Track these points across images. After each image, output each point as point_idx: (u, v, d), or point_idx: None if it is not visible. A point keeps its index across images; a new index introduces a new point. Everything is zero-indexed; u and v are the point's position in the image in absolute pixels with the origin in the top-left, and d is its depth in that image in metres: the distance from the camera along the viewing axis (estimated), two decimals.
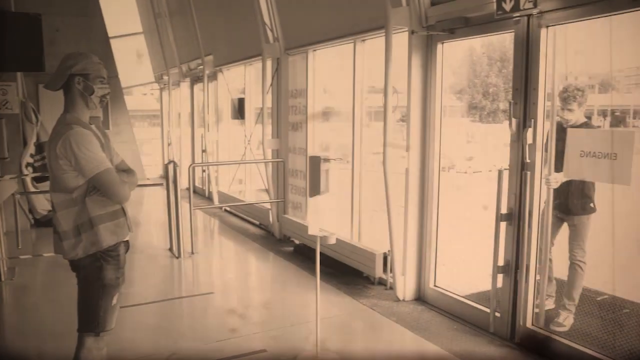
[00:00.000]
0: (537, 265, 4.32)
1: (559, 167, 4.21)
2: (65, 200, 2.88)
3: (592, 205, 4.45)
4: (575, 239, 4.52)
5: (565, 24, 4.00)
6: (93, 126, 2.99)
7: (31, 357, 4.35)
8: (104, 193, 2.86)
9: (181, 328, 4.89)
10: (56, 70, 2.95)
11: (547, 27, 4.01)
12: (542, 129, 4.17)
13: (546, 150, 4.24)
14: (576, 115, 4.36)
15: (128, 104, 14.58)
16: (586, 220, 4.50)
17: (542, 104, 4.11)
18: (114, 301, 3.00)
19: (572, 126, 4.33)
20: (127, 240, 3.12)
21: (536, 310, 4.38)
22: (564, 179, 4.27)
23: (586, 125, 4.43)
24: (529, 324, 4.33)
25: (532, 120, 4.14)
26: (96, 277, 2.94)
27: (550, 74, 4.12)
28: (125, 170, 3.12)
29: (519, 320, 4.34)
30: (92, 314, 2.97)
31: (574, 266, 4.51)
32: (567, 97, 4.34)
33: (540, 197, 4.28)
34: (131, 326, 4.72)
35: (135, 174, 3.16)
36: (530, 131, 4.15)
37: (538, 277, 4.38)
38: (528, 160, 4.17)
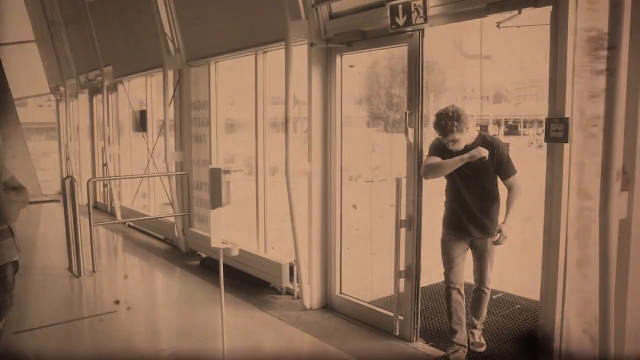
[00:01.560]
0: None
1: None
2: None
3: (495, 227, 4.16)
4: (482, 262, 4.30)
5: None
6: None
7: None
8: None
9: (84, 350, 4.68)
10: None
11: None
12: None
13: None
14: (461, 142, 4.09)
15: (22, 116, 13.78)
16: (490, 242, 4.20)
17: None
18: (1, 326, 2.84)
19: (459, 152, 4.10)
20: (15, 261, 2.95)
21: None
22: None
23: (478, 143, 4.12)
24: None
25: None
26: None
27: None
28: (14, 188, 2.92)
29: (421, 322, 4.51)
30: None
31: (479, 291, 4.38)
32: (445, 128, 4.02)
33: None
34: (29, 350, 4.47)
35: (25, 192, 2.98)
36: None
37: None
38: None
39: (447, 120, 4.03)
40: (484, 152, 4.00)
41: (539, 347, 3.67)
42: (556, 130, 3.37)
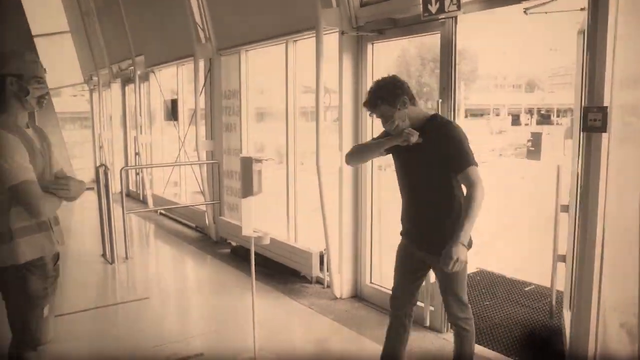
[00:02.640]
0: None
1: None
2: None
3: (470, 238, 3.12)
4: (446, 290, 3.27)
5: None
6: (29, 130, 2.81)
7: None
8: (21, 206, 2.68)
9: (117, 335, 4.77)
10: None
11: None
12: None
13: None
14: (398, 122, 3.10)
15: (57, 105, 14.05)
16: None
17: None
18: (45, 312, 2.80)
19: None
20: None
21: None
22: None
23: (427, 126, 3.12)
24: None
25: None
26: (19, 289, 2.75)
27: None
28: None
29: None
30: (24, 329, 2.79)
31: (457, 331, 3.31)
32: (369, 103, 3.16)
33: None
34: (65, 336, 4.56)
35: (76, 182, 2.91)
36: None
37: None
38: None
39: (371, 94, 3.14)
40: (413, 133, 3.03)
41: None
42: (594, 120, 3.29)
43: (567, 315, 4.34)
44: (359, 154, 3.41)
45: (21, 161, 2.63)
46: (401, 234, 3.39)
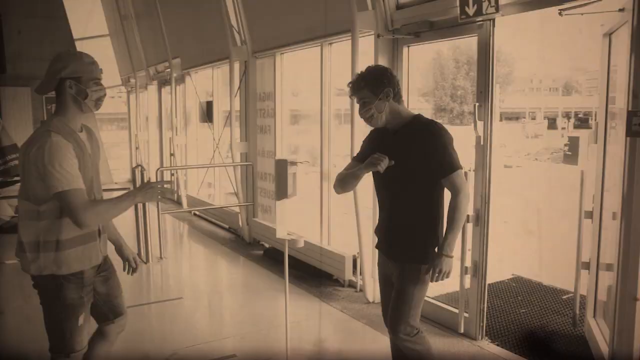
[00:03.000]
0: None
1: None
2: (30, 210, 2.64)
3: (435, 249, 2.95)
4: (397, 306, 3.02)
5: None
6: (82, 134, 2.77)
7: None
8: (65, 214, 2.61)
9: (151, 334, 4.83)
10: (46, 73, 2.72)
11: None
12: None
13: None
14: (382, 116, 2.95)
15: None
16: (416, 275, 2.97)
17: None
18: (80, 321, 2.75)
19: (389, 135, 3.03)
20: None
21: None
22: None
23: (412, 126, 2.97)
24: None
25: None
26: (55, 297, 2.69)
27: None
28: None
29: (487, 320, 4.40)
30: (58, 336, 2.75)
31: (396, 343, 3.14)
32: (352, 88, 3.01)
33: None
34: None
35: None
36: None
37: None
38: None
39: (358, 76, 2.99)
40: (382, 158, 2.83)
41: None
42: (638, 124, 3.19)
43: (593, 324, 4.24)
44: (340, 185, 3.16)
45: (70, 169, 2.57)
46: (376, 247, 3.25)
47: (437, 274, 2.86)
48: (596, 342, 4.01)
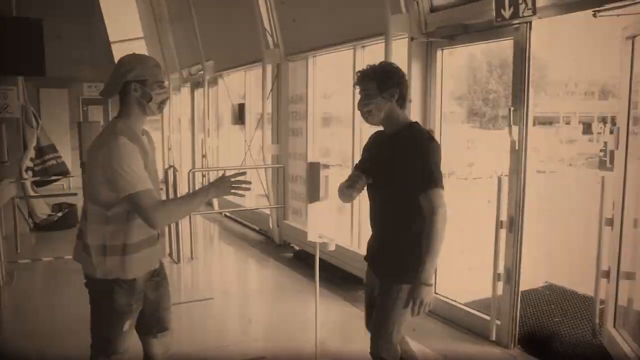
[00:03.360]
0: None
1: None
2: (98, 214, 2.62)
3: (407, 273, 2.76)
4: (378, 325, 2.90)
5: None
6: (144, 137, 2.75)
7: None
8: (138, 215, 2.59)
9: (180, 334, 4.87)
10: (110, 76, 2.71)
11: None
12: None
13: None
14: (379, 114, 2.86)
15: None
16: (397, 295, 2.78)
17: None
18: (126, 327, 2.72)
19: (385, 138, 2.95)
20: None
21: None
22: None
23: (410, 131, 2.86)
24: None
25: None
26: (106, 301, 2.67)
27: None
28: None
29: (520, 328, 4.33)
30: (101, 337, 2.75)
31: None
32: (356, 80, 2.94)
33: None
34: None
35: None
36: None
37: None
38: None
39: (370, 67, 2.88)
40: (357, 179, 2.85)
41: None
42: None
43: (614, 333, 4.13)
44: (340, 197, 3.07)
45: (138, 170, 2.56)
46: (364, 258, 3.11)
47: (417, 306, 2.66)
48: (619, 352, 3.91)
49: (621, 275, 4.10)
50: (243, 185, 2.67)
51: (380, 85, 2.80)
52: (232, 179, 2.68)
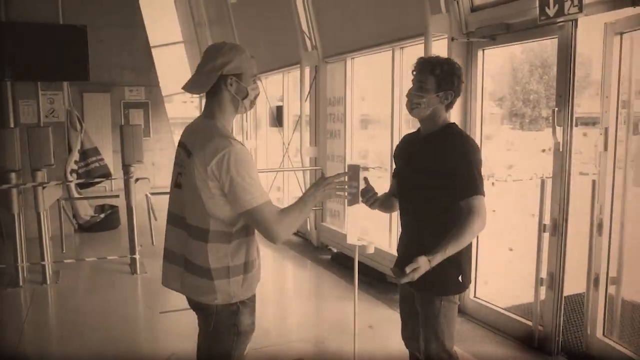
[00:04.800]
0: None
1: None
2: (222, 232, 2.32)
3: (459, 278, 2.75)
4: (427, 336, 2.81)
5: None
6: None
7: (73, 358, 4.44)
8: (258, 231, 2.36)
9: None
10: (199, 68, 2.38)
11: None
12: None
13: None
14: (426, 110, 2.73)
15: (168, 111, 14.84)
16: (439, 305, 2.73)
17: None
18: (247, 350, 2.51)
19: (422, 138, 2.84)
20: None
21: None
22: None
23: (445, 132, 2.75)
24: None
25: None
26: (231, 324, 2.40)
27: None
28: None
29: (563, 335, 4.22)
30: None
31: None
32: (415, 69, 2.79)
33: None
34: (165, 335, 4.78)
35: None
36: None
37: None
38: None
39: (437, 59, 2.76)
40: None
41: None
42: None
43: (608, 343, 4.01)
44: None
45: (257, 179, 2.31)
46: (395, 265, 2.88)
47: (411, 273, 2.40)
48: None
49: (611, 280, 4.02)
50: (346, 187, 2.51)
51: (441, 82, 2.69)
52: (336, 180, 2.48)
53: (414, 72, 2.77)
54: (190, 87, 2.39)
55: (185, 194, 2.36)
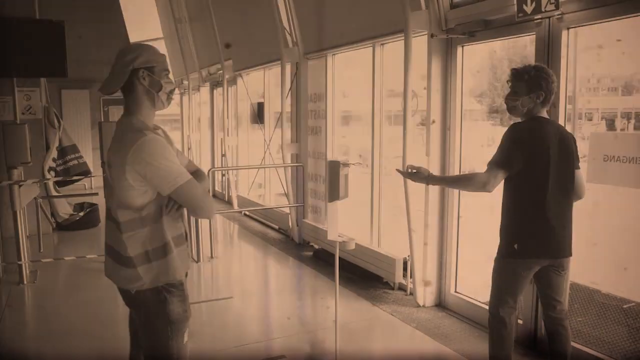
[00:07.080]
0: None
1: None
2: (133, 219, 2.40)
3: (514, 246, 3.38)
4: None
5: (587, 25, 3.94)
6: (159, 131, 2.50)
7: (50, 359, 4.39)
8: (187, 209, 2.46)
9: (201, 333, 4.89)
10: (112, 68, 2.45)
11: (568, 28, 3.95)
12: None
13: None
14: (519, 109, 3.31)
15: None
16: (495, 264, 3.49)
17: (563, 107, 4.04)
18: (186, 338, 2.56)
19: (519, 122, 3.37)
20: None
21: None
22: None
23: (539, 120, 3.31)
24: None
25: None
26: (162, 313, 2.48)
27: (572, 77, 4.05)
28: (194, 173, 2.54)
29: (541, 329, 4.26)
30: (163, 355, 2.52)
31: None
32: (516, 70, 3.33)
33: None
34: None
35: (205, 177, 2.64)
36: None
37: None
38: None
39: (527, 67, 3.28)
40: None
41: None
42: None
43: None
44: None
45: (177, 161, 2.40)
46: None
47: (409, 172, 3.42)
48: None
49: None
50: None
51: (530, 86, 3.21)
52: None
53: (509, 82, 3.35)
54: (104, 86, 2.48)
55: (113, 189, 2.46)
